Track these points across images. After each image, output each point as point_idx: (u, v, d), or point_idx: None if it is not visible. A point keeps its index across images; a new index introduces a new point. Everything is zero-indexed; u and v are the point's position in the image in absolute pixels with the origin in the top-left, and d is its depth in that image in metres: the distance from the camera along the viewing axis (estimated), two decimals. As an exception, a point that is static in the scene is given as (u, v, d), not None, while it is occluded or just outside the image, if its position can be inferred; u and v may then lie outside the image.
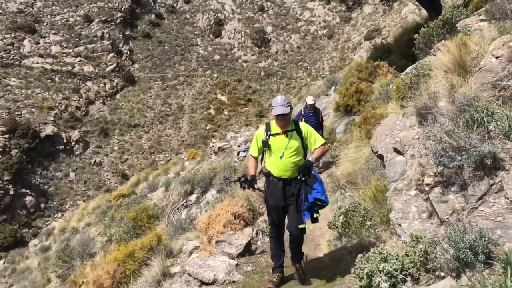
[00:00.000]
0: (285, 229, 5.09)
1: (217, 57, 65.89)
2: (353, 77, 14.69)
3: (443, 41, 8.20)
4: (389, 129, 6.13)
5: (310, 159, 4.88)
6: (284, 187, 4.89)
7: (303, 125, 5.06)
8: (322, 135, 11.38)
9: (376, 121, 8.07)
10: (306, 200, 4.73)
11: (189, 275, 5.17)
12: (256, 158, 5.13)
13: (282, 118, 4.86)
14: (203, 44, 68.76)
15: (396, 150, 5.29)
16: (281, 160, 4.85)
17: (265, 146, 4.95)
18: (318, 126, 11.04)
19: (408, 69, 9.69)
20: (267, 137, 4.95)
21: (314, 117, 11.13)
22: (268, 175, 5.01)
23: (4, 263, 26.84)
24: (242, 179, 4.98)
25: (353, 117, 12.98)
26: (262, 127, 5.18)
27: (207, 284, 4.98)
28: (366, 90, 13.20)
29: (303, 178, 4.77)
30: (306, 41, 66.34)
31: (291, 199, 4.88)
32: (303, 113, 11.31)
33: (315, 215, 4.82)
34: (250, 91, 58.53)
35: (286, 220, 5.05)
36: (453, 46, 5.93)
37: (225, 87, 58.83)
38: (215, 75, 61.47)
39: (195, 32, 71.27)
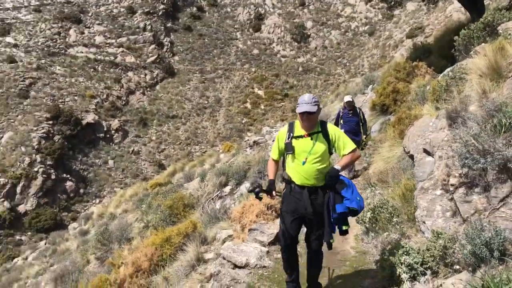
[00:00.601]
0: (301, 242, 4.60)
1: (255, 51, 66.19)
2: (390, 77, 14.70)
3: (482, 44, 8.21)
4: (421, 130, 6.27)
5: (335, 166, 4.31)
6: (310, 196, 4.33)
7: (331, 127, 4.47)
8: (365, 134, 10.55)
9: (410, 121, 8.17)
10: (334, 211, 4.25)
11: (223, 258, 5.52)
12: (276, 161, 4.67)
13: (307, 118, 4.31)
14: (243, 38, 69.18)
15: (426, 151, 5.45)
16: (303, 166, 4.33)
17: (287, 149, 4.43)
18: (359, 127, 10.35)
19: (446, 71, 9.70)
20: (289, 139, 4.42)
21: (353, 118, 10.31)
22: (289, 181, 4.49)
23: (45, 244, 28.07)
24: (257, 189, 4.45)
25: (389, 116, 13.02)
26: (285, 128, 4.62)
27: (239, 267, 5.32)
28: (403, 90, 13.22)
29: (327, 188, 4.30)
30: (346, 37, 65.70)
31: (316, 209, 4.32)
32: (341, 114, 10.53)
33: (343, 227, 4.36)
34: (287, 86, 58.56)
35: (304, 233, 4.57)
36: (490, 50, 6.00)
37: (263, 82, 59.07)
38: (253, 69, 61.78)
39: (235, 26, 71.75)
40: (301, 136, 4.39)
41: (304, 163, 4.33)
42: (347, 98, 10.79)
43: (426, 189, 4.53)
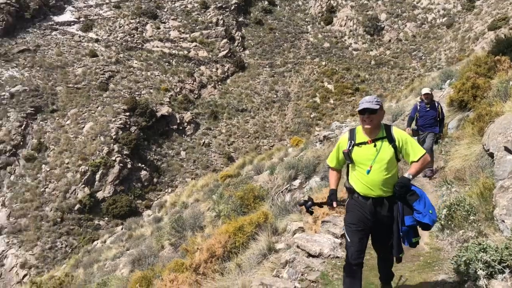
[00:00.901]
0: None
1: (326, 44, 65.45)
2: (470, 72, 14.11)
3: None
4: (502, 127, 6.07)
5: (406, 175, 3.99)
6: (375, 207, 4.05)
7: (396, 131, 4.11)
8: (441, 132, 10.20)
9: (490, 119, 7.89)
10: (403, 224, 3.94)
11: (298, 247, 5.72)
12: (336, 170, 4.37)
13: (369, 117, 3.99)
14: (313, 31, 68.66)
15: (507, 149, 5.29)
16: (368, 176, 4.02)
17: (347, 159, 4.14)
18: (436, 122, 9.85)
19: (531, 66, 9.21)
20: (350, 147, 4.11)
21: (431, 112, 9.80)
22: (352, 191, 4.21)
23: (122, 229, 29.76)
24: (308, 204, 4.25)
25: (467, 113, 12.55)
26: (345, 135, 4.27)
27: (313, 256, 5.49)
28: (483, 86, 12.64)
29: (396, 199, 3.99)
30: (422, 29, 63.14)
31: (382, 221, 4.07)
32: (418, 108, 10.04)
33: (413, 239, 4.02)
34: (358, 80, 57.41)
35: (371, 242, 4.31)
36: None
37: (333, 75, 58.30)
38: (323, 63, 61.13)
39: (306, 19, 71.36)
40: (364, 143, 4.08)
41: (368, 172, 4.02)
42: (426, 90, 10.31)
43: (506, 188, 4.44)
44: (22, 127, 41.69)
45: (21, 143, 40.38)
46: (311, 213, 4.39)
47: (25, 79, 47.67)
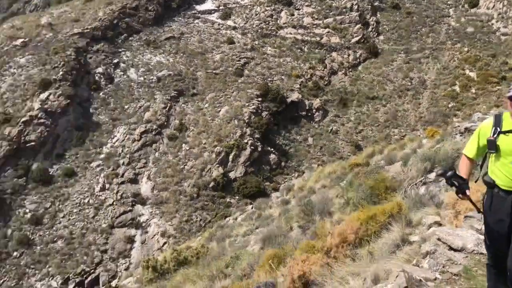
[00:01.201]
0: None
1: (470, 29, 60.41)
2: None
3: None
4: None
5: None
6: None
7: None
8: None
9: None
10: None
11: (438, 239, 5.62)
12: (471, 160, 4.02)
13: None
14: (456, 15, 63.84)
15: None
16: None
17: (491, 147, 3.75)
18: None
19: None
20: (495, 135, 3.73)
21: None
22: (492, 185, 3.81)
23: (252, 208, 31.24)
24: (450, 173, 3.88)
25: None
26: (489, 120, 3.92)
27: (455, 250, 5.37)
28: None
29: None
30: None
31: None
32: None
33: None
34: (506, 68, 51.99)
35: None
36: None
37: (476, 63, 53.65)
38: (466, 49, 56.54)
39: (448, 2, 66.59)
40: (511, 131, 3.69)
41: None
42: None
43: None
44: (166, 109, 45.74)
45: (165, 123, 44.38)
46: (452, 184, 3.91)
47: (170, 65, 52.06)
